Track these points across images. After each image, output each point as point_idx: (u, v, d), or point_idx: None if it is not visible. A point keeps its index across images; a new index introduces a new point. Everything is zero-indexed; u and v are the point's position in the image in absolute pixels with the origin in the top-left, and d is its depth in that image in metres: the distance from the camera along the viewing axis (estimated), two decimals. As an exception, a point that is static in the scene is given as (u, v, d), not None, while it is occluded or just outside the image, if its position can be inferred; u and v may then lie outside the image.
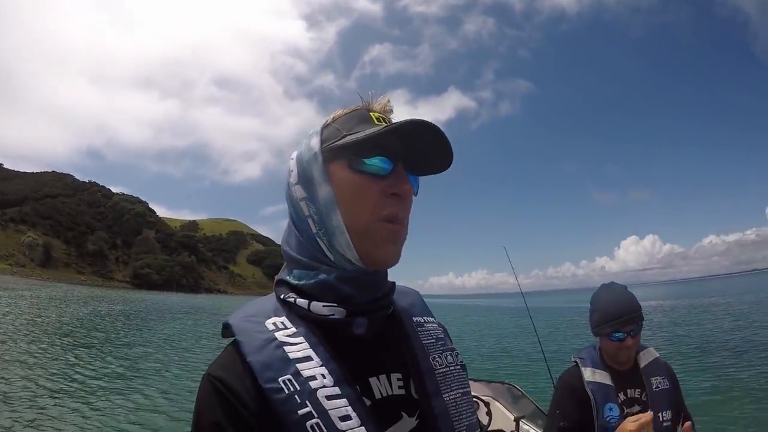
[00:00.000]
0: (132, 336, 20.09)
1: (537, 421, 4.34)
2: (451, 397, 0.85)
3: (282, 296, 0.84)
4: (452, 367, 0.90)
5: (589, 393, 2.05)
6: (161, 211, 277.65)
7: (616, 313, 2.05)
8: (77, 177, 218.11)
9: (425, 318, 0.96)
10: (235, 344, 0.78)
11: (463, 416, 0.86)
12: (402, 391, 0.82)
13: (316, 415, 0.70)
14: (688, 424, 1.73)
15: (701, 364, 12.89)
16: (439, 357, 0.90)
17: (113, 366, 13.03)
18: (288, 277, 0.86)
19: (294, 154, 0.89)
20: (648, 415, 1.64)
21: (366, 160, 0.79)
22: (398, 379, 0.83)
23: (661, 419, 2.00)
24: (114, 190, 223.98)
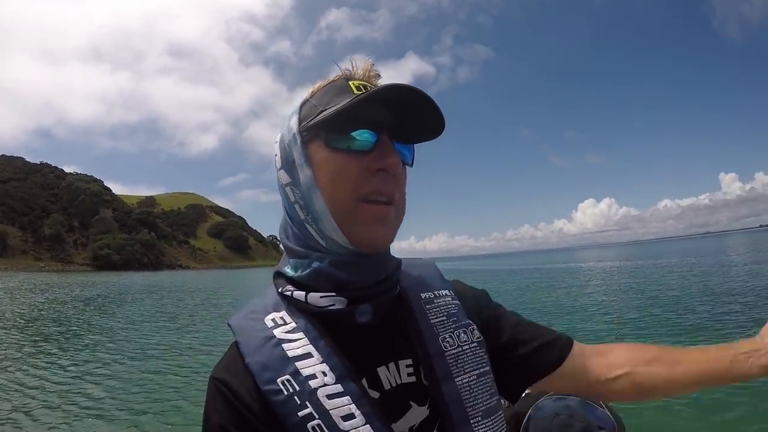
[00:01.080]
0: (91, 322, 19.07)
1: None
2: (463, 380, 0.79)
3: (280, 289, 0.80)
4: (466, 347, 0.82)
5: None
6: (117, 189, 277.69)
7: None
8: (28, 159, 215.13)
9: (437, 292, 0.88)
10: (236, 344, 0.76)
11: (479, 401, 0.79)
12: (412, 379, 0.78)
13: (317, 416, 0.67)
14: None
15: (669, 321, 13.23)
16: (450, 336, 0.82)
17: (71, 356, 12.28)
18: (285, 269, 0.82)
19: (278, 137, 0.83)
20: None
21: (344, 137, 0.74)
22: (407, 366, 0.78)
23: None
24: (67, 170, 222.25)
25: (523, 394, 0.94)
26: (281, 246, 0.86)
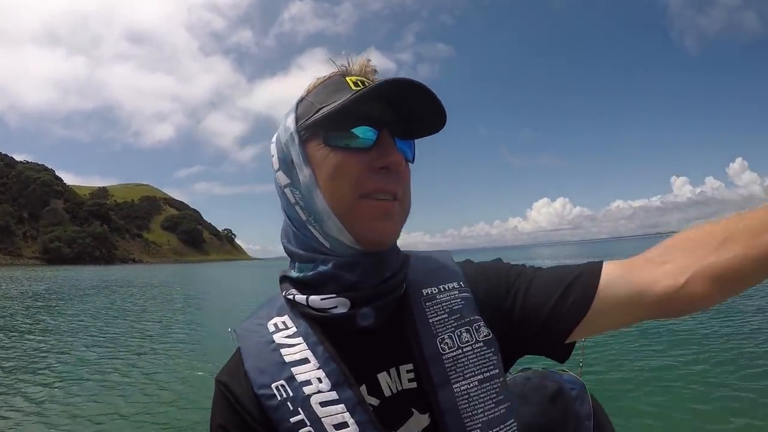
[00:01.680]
0: (34, 324, 17.57)
1: None
2: (462, 387, 0.73)
3: (284, 293, 0.79)
4: (467, 348, 0.75)
5: None
6: (69, 179, 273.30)
7: None
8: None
9: (442, 286, 0.81)
10: (238, 348, 0.77)
11: (479, 410, 0.72)
12: (413, 385, 0.74)
13: (308, 423, 0.66)
14: None
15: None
16: (450, 337, 0.76)
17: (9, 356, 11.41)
18: (290, 272, 0.80)
19: (274, 137, 0.81)
20: None
21: (343, 135, 0.72)
22: (408, 371, 0.75)
23: None
24: (18, 158, 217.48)
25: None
26: (284, 251, 0.83)
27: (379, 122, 0.73)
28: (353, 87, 0.74)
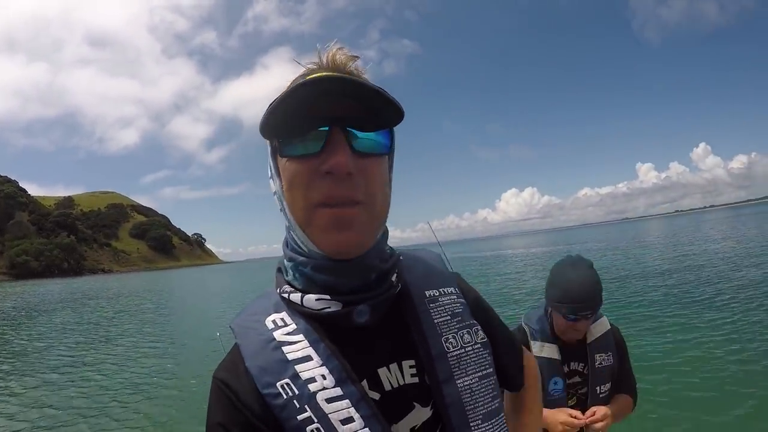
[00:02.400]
0: (15, 343, 16.91)
1: None
2: (465, 383, 0.78)
3: (278, 290, 0.79)
4: (469, 348, 0.81)
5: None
6: (33, 189, 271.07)
7: (576, 296, 1.91)
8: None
9: (441, 290, 0.85)
10: (236, 345, 0.76)
11: (479, 403, 0.78)
12: (415, 380, 0.76)
13: (315, 420, 0.67)
14: (600, 409, 1.92)
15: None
16: (454, 337, 0.80)
17: None
18: (284, 273, 0.81)
19: None
20: (580, 422, 1.87)
21: (290, 141, 0.69)
22: (411, 367, 0.77)
23: (598, 392, 2.04)
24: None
25: None
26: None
27: (330, 120, 0.68)
28: None
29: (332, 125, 0.68)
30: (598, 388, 2.04)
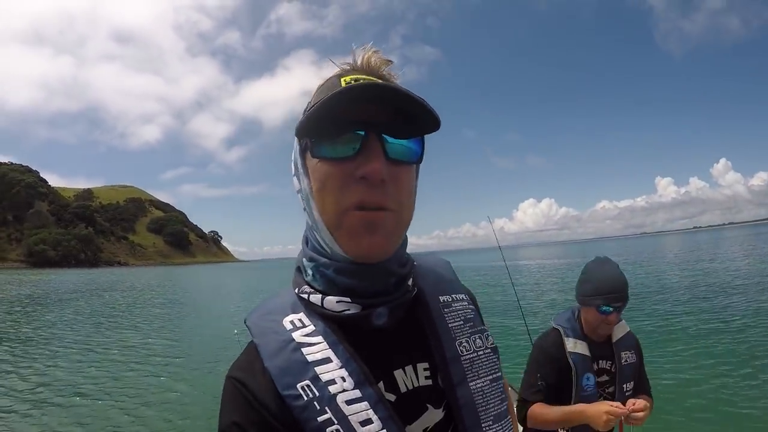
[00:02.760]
0: (16, 328, 17.42)
1: None
2: (477, 385, 0.80)
3: (297, 290, 0.80)
4: (481, 352, 0.83)
5: (571, 363, 2.17)
6: (53, 180, 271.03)
7: (610, 288, 2.10)
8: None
9: (454, 296, 0.88)
10: (254, 345, 0.76)
11: (491, 405, 0.80)
12: (429, 382, 0.78)
13: (336, 422, 0.67)
14: (640, 401, 2.00)
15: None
16: (467, 341, 0.83)
17: None
18: (303, 273, 0.81)
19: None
20: (623, 411, 1.94)
21: (326, 143, 0.69)
22: (425, 369, 0.79)
23: (624, 390, 2.21)
24: (1, 159, 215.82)
25: None
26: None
27: (366, 125, 0.68)
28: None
29: (368, 131, 0.68)
30: (624, 385, 2.22)
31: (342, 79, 0.71)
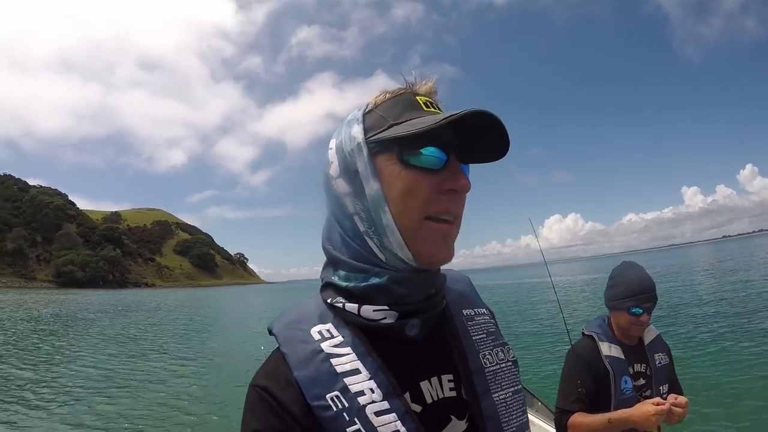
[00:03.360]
0: (45, 350, 17.60)
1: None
2: (500, 397, 0.82)
3: (330, 300, 0.79)
4: (503, 365, 0.86)
5: (608, 366, 2.19)
6: (82, 203, 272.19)
7: (639, 290, 2.17)
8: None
9: (476, 310, 0.91)
10: (281, 354, 0.76)
11: (513, 417, 0.82)
12: (453, 393, 0.80)
13: None
14: (681, 398, 1.98)
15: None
16: (490, 354, 0.85)
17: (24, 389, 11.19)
18: (334, 279, 0.80)
19: (332, 143, 0.81)
20: (666, 406, 1.91)
21: (417, 154, 0.73)
22: (449, 381, 0.80)
23: (661, 392, 2.24)
24: (31, 182, 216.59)
25: None
26: (326, 255, 0.83)
27: (448, 145, 0.74)
28: (424, 107, 0.76)
29: (452, 150, 0.75)
30: (661, 387, 2.25)
31: (418, 98, 0.78)
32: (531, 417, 4.13)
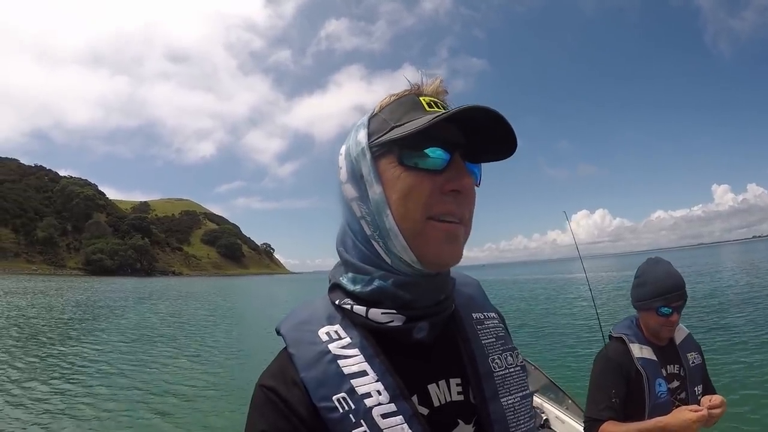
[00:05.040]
0: (77, 334, 18.47)
1: (549, 394, 4.42)
2: (509, 401, 0.81)
3: (337, 302, 0.80)
4: (512, 369, 0.85)
5: (641, 369, 2.07)
6: (111, 194, 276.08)
7: (668, 288, 2.05)
8: (23, 161, 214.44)
9: (485, 314, 0.90)
10: (288, 354, 0.75)
11: (521, 422, 0.81)
12: (461, 397, 0.79)
13: None
14: (716, 397, 1.90)
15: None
16: (499, 358, 0.84)
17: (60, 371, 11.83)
18: (342, 280, 0.81)
19: (342, 149, 0.81)
20: (705, 411, 1.81)
21: (417, 155, 0.72)
22: (457, 384, 0.79)
23: (696, 393, 2.14)
24: (62, 173, 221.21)
25: None
26: (339, 257, 0.84)
27: (452, 145, 0.73)
28: (427, 108, 0.75)
29: (455, 150, 0.73)
30: (696, 388, 2.15)
31: (422, 99, 0.76)
32: (561, 415, 4.06)
